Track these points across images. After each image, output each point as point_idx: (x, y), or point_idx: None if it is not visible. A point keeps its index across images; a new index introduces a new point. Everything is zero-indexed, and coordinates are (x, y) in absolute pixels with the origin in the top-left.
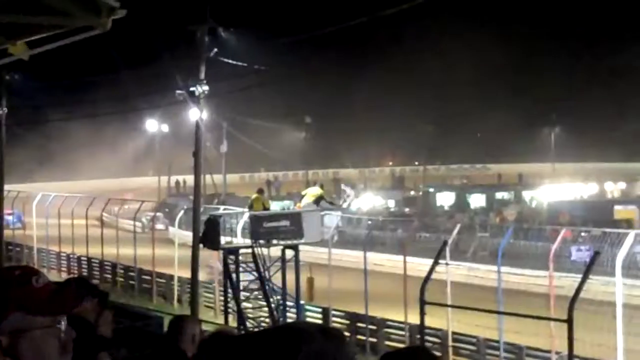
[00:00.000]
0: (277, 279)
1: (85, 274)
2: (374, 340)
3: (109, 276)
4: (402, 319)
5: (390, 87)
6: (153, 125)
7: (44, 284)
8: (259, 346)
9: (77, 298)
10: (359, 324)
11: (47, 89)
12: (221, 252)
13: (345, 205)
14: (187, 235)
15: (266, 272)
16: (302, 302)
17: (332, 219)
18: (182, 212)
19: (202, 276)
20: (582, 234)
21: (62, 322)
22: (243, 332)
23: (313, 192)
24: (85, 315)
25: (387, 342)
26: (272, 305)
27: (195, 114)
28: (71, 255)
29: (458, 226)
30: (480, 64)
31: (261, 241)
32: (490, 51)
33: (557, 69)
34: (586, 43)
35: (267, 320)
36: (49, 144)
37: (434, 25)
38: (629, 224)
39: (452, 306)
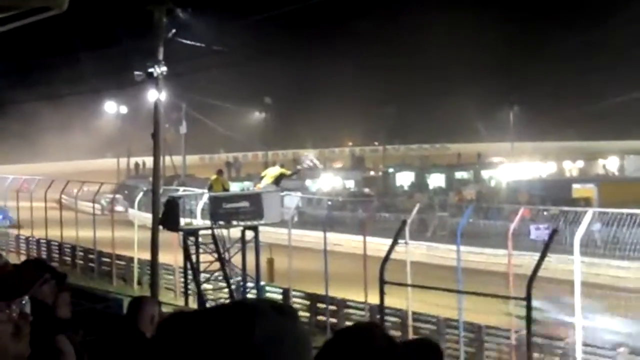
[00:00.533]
0: (237, 260)
1: (44, 256)
2: (334, 320)
3: (68, 259)
4: (362, 299)
5: (349, 68)
6: (112, 107)
7: None
8: (213, 323)
9: (31, 280)
10: (319, 305)
11: (4, 71)
12: (181, 233)
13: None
14: (147, 217)
15: (226, 254)
16: (262, 283)
17: (292, 199)
18: (141, 193)
19: None
20: (543, 212)
21: (14, 306)
22: None
23: (272, 172)
24: (43, 298)
25: (348, 323)
26: (232, 286)
27: (154, 95)
28: (30, 238)
29: (417, 206)
30: (439, 45)
31: (221, 222)
32: (449, 32)
33: (516, 49)
34: (545, 23)
35: (228, 301)
36: (6, 126)
37: (394, 6)
38: (587, 202)
39: (412, 285)
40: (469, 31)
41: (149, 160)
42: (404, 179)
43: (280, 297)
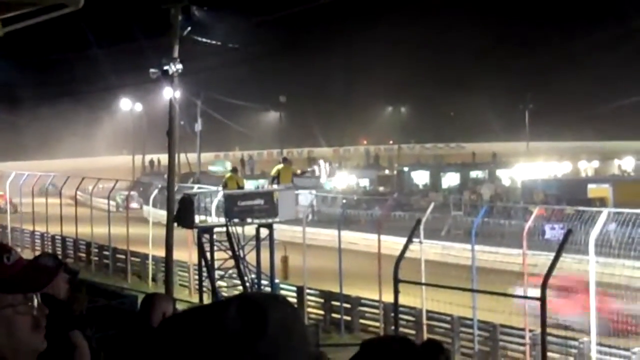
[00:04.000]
0: (251, 258)
1: (59, 252)
2: (348, 318)
3: (83, 255)
4: (376, 297)
5: (365, 67)
6: (127, 104)
7: (15, 261)
8: (222, 318)
9: (50, 275)
10: (334, 303)
11: (20, 68)
12: (195, 230)
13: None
14: (162, 214)
15: (241, 251)
16: (276, 280)
17: (307, 197)
18: (156, 191)
19: None
20: (558, 212)
21: (35, 299)
22: None
23: (279, 167)
24: (56, 293)
25: (362, 321)
26: (247, 284)
27: (169, 93)
28: (45, 235)
29: (432, 205)
30: (455, 44)
31: (235, 220)
32: (465, 31)
33: (532, 48)
34: (560, 22)
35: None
36: (22, 123)
37: (409, 5)
38: (602, 202)
39: (426, 284)
40: (484, 31)
41: (164, 158)
42: (419, 177)
43: (294, 294)
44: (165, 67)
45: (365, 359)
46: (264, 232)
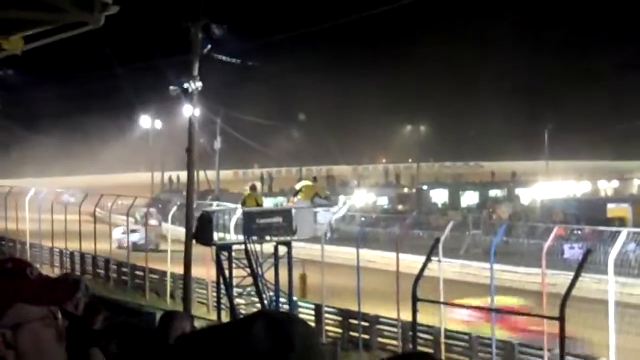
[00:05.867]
0: (270, 276)
1: (78, 269)
2: (367, 337)
3: (102, 272)
4: (395, 316)
5: (384, 85)
6: (147, 121)
7: (37, 276)
8: (248, 337)
9: (72, 289)
10: (352, 321)
11: (40, 85)
12: (214, 248)
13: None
14: (181, 232)
15: (259, 269)
16: (295, 298)
17: (326, 216)
18: (175, 208)
19: None
20: (576, 232)
21: (59, 313)
22: None
23: (306, 184)
24: (75, 308)
25: (380, 339)
26: (265, 301)
27: (189, 111)
28: (64, 251)
29: (451, 224)
30: (474, 64)
31: (254, 237)
32: (484, 51)
33: (551, 68)
34: (579, 42)
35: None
36: (42, 140)
37: (428, 25)
38: (622, 222)
39: (445, 303)
40: (504, 51)
41: (183, 175)
42: (438, 196)
43: (312, 312)
44: (185, 85)
45: None
46: (282, 250)
